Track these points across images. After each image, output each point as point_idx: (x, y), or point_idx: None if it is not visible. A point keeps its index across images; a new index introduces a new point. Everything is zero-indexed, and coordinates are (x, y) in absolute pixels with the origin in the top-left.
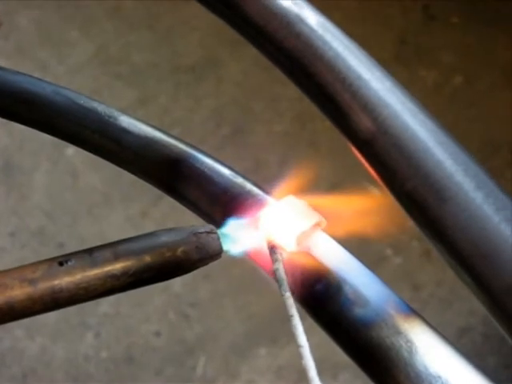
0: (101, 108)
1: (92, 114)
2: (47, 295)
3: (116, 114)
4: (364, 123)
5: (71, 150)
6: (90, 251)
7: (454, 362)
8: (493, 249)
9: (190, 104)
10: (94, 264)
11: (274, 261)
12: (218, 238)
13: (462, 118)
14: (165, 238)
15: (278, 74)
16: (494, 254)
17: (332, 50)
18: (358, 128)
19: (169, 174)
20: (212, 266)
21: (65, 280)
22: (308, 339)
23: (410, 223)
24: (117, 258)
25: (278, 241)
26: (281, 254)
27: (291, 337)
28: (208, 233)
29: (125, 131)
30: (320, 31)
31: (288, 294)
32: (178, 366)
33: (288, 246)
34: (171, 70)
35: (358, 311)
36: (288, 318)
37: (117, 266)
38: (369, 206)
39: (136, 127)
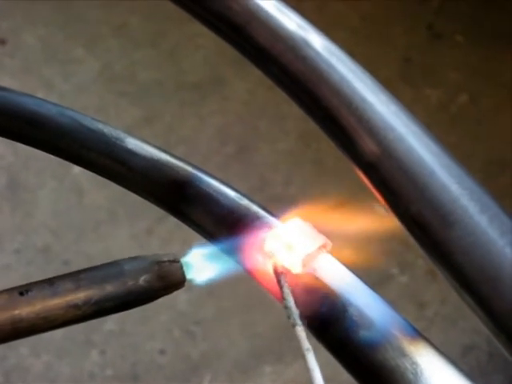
0: (107, 130)
1: (98, 135)
2: (7, 325)
3: (122, 135)
4: (369, 146)
5: (77, 168)
6: (50, 281)
7: (459, 383)
8: (497, 273)
9: (195, 122)
10: (55, 294)
11: (282, 290)
12: (181, 267)
13: (466, 136)
14: (127, 267)
15: (283, 92)
16: (498, 278)
17: (337, 74)
18: (362, 151)
19: (175, 195)
20: (217, 284)
21: (25, 310)
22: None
23: (414, 242)
24: (78, 287)
25: (284, 266)
26: (288, 282)
27: (296, 355)
28: (171, 261)
29: (131, 153)
30: (325, 54)
31: (300, 327)
32: (182, 383)
33: (293, 268)
34: (176, 87)
35: (363, 333)
36: (293, 336)
37: (78, 296)
38: (374, 224)
39: (142, 149)
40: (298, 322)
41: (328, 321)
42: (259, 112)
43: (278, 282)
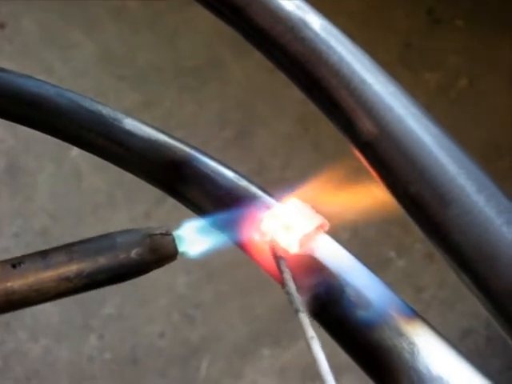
0: (105, 110)
1: (96, 116)
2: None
3: (120, 116)
4: (367, 127)
5: (75, 151)
6: (43, 253)
7: (456, 363)
8: (494, 252)
9: (193, 106)
10: (48, 266)
11: (283, 275)
12: (173, 240)
13: (466, 120)
14: (119, 240)
15: (282, 76)
16: (495, 257)
17: (336, 55)
18: (361, 131)
19: (173, 176)
20: (216, 267)
21: (17, 282)
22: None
23: (413, 225)
24: (70, 260)
25: (283, 250)
26: (288, 266)
27: (293, 338)
28: (163, 234)
29: (129, 134)
30: (324, 36)
31: (303, 313)
32: (181, 366)
33: (291, 248)
34: (175, 72)
35: (361, 313)
36: (292, 317)
37: (70, 268)
38: (372, 207)
39: (140, 130)
40: (301, 308)
41: (325, 301)
42: (258, 96)
43: (278, 267)
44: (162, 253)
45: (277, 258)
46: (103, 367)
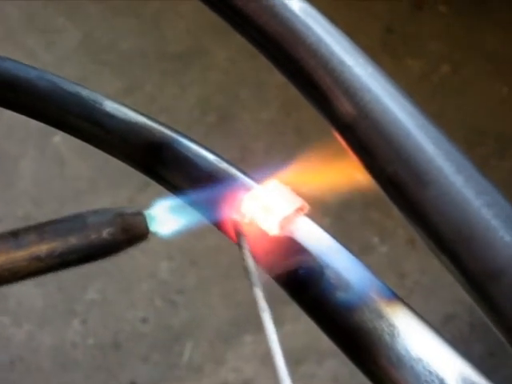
0: (85, 93)
1: (76, 98)
2: None
3: (100, 98)
4: (346, 108)
5: (58, 137)
6: (15, 233)
7: (435, 345)
8: (473, 233)
9: (176, 91)
10: (19, 246)
11: (242, 251)
12: (145, 220)
13: (448, 106)
14: (91, 220)
15: (265, 61)
16: (474, 238)
17: (315, 35)
18: (339, 112)
19: (153, 158)
20: (199, 252)
21: None
22: (293, 326)
23: (395, 211)
24: (42, 239)
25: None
26: (247, 241)
27: (277, 324)
28: (134, 214)
29: (109, 116)
30: (303, 16)
31: (258, 287)
32: (164, 352)
33: (270, 230)
34: (158, 57)
35: (341, 295)
36: (275, 304)
37: (42, 248)
38: (354, 193)
39: (120, 112)
40: (257, 282)
41: (305, 283)
42: (240, 81)
43: (238, 243)
44: (133, 232)
45: (238, 234)
46: (86, 352)
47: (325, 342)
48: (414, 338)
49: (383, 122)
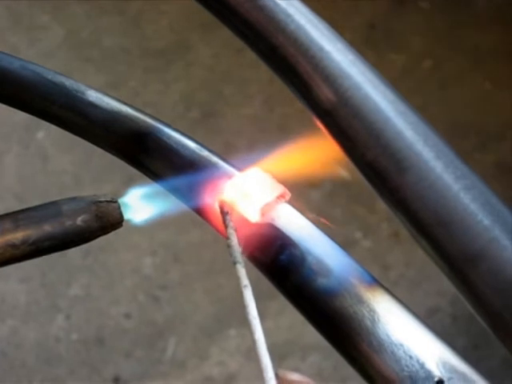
0: (68, 83)
1: (59, 88)
2: None
3: (83, 88)
4: (326, 94)
5: (42, 133)
6: None
7: (415, 330)
8: (452, 217)
9: (159, 88)
10: None
11: (227, 228)
12: (119, 207)
13: (430, 101)
14: (65, 207)
15: (248, 57)
16: (453, 222)
17: (294, 23)
18: (319, 99)
19: (136, 147)
20: (182, 248)
21: None
22: (276, 321)
23: (378, 205)
24: (16, 227)
25: (239, 210)
26: (232, 219)
27: (261, 318)
28: (108, 202)
29: (92, 105)
30: (283, 4)
31: (240, 264)
32: (148, 347)
33: (252, 217)
34: (141, 54)
35: (321, 281)
36: (259, 298)
37: (16, 235)
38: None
39: (103, 101)
40: (239, 259)
41: (287, 269)
42: (224, 77)
43: (223, 220)
44: (107, 220)
45: (223, 213)
46: (70, 347)
47: (308, 336)
48: (394, 323)
49: (363, 108)
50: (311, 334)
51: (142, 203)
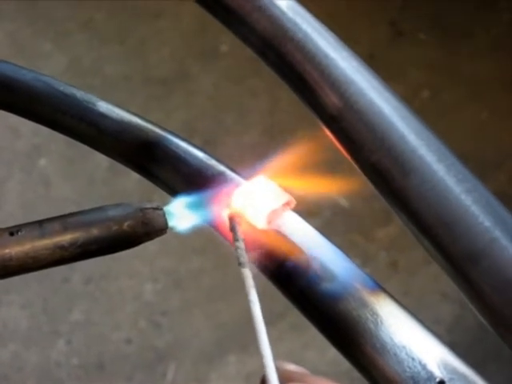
0: (79, 94)
1: (71, 99)
2: None
3: (94, 99)
4: (331, 99)
5: (44, 160)
6: (40, 222)
7: (417, 332)
8: (453, 218)
9: (160, 116)
10: (44, 235)
11: (235, 233)
12: (164, 215)
13: None
14: (112, 213)
15: (248, 86)
16: (455, 223)
17: (301, 31)
18: (325, 104)
19: (145, 156)
20: (183, 274)
21: (15, 249)
22: (276, 346)
23: (377, 234)
24: (65, 229)
25: (247, 217)
26: (240, 223)
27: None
28: (154, 209)
29: (103, 116)
30: (290, 14)
31: (246, 268)
32: (148, 372)
33: (258, 224)
34: (142, 82)
35: (326, 286)
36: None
37: (65, 238)
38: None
39: (113, 112)
40: (246, 264)
41: (292, 274)
42: (224, 106)
43: (231, 226)
44: (152, 226)
45: (231, 220)
46: (70, 372)
47: (307, 362)
48: (397, 325)
49: (367, 113)
50: (310, 360)
51: (185, 212)
